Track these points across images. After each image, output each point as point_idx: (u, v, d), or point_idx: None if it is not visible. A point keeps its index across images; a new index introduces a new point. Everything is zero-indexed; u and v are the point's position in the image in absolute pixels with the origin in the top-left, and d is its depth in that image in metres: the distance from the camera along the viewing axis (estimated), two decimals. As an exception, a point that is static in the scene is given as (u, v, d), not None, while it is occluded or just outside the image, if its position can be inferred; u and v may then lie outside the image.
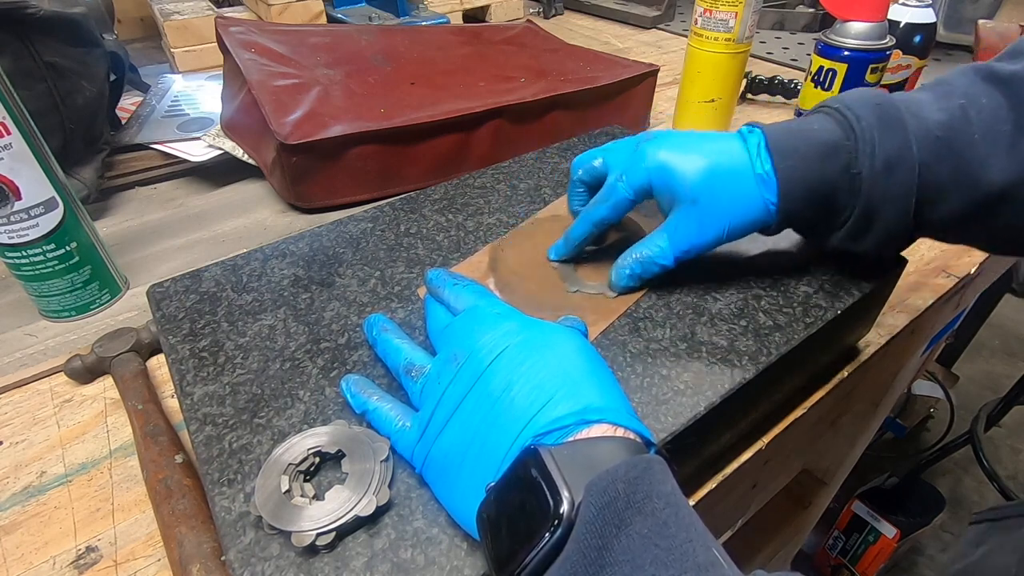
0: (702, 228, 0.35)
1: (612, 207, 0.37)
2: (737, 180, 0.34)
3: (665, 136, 0.36)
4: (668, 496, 0.21)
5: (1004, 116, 0.32)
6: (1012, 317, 1.96)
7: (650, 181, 0.36)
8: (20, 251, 0.45)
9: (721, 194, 0.34)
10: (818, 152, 0.33)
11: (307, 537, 0.25)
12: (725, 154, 0.35)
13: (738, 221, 0.35)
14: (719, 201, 0.35)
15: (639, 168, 0.36)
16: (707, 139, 0.36)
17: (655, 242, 0.37)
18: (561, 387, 0.25)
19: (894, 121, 0.33)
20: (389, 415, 0.29)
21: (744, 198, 0.34)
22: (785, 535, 0.87)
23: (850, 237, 0.35)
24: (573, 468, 0.22)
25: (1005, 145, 0.31)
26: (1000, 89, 0.32)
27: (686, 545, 0.20)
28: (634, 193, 0.36)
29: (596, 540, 0.20)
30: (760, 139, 0.35)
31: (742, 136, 0.36)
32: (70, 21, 0.55)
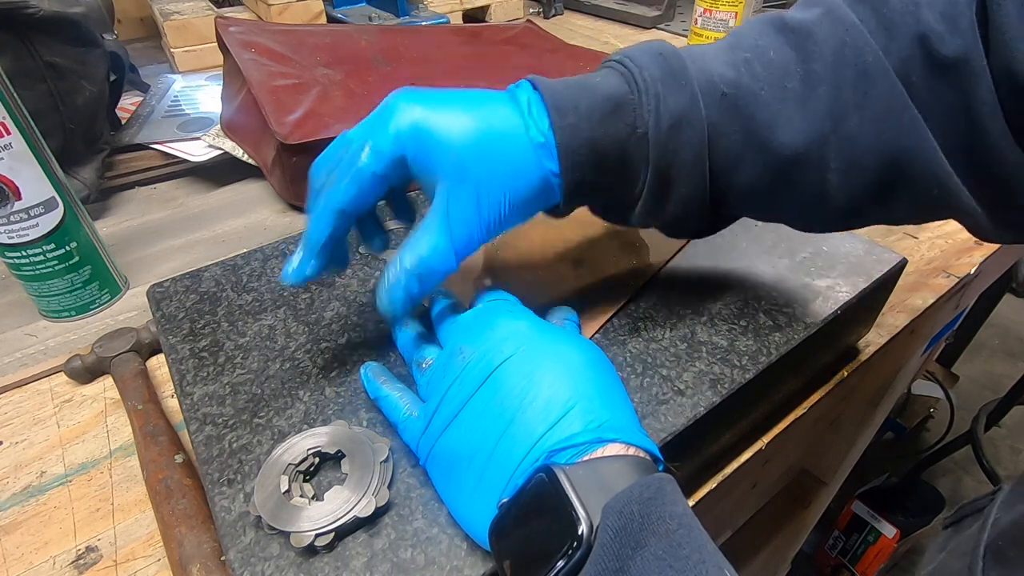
0: (479, 209, 0.28)
1: (356, 186, 0.28)
2: (511, 146, 0.28)
3: (417, 92, 0.29)
4: (680, 517, 0.21)
5: (792, 70, 0.28)
6: (1012, 317, 1.96)
7: (403, 150, 0.28)
8: (20, 251, 0.45)
9: (495, 161, 0.27)
10: (600, 108, 0.28)
11: (306, 538, 0.25)
12: (495, 113, 0.28)
13: (518, 194, 0.28)
14: (494, 170, 0.28)
15: (387, 132, 0.27)
16: (471, 97, 0.29)
17: (426, 240, 0.28)
18: (576, 402, 0.25)
19: (679, 74, 0.28)
20: (398, 403, 0.29)
21: (521, 165, 0.28)
22: (785, 535, 0.87)
23: (647, 211, 0.30)
24: (589, 489, 0.22)
25: (794, 103, 0.28)
26: (789, 40, 0.29)
27: (699, 566, 0.20)
28: (383, 166, 0.28)
29: (614, 563, 0.20)
30: (531, 95, 0.29)
31: (511, 93, 0.29)
32: (70, 21, 0.55)
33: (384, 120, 0.28)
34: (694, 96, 0.28)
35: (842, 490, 0.98)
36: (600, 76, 0.30)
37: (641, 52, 0.29)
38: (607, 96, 0.28)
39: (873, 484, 1.35)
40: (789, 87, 0.28)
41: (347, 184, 0.28)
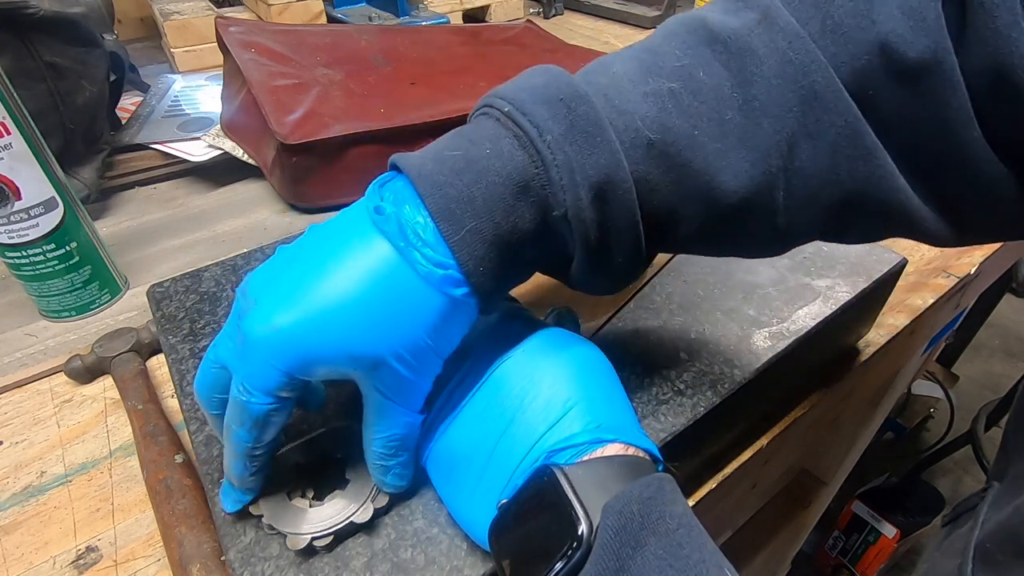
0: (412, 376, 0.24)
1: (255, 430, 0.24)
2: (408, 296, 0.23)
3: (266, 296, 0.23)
4: (680, 516, 0.21)
5: (728, 97, 0.24)
6: (1012, 317, 1.96)
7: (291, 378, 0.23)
8: (20, 251, 0.45)
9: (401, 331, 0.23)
10: (501, 197, 0.23)
11: (302, 540, 0.25)
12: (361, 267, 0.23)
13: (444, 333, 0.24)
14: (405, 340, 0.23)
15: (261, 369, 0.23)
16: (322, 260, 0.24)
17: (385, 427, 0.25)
18: (576, 402, 0.24)
19: (592, 127, 0.23)
20: None
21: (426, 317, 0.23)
22: (785, 535, 0.87)
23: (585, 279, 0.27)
24: (589, 489, 0.22)
25: (735, 140, 0.24)
26: (720, 57, 0.24)
27: (699, 565, 0.20)
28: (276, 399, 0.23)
29: (614, 563, 0.20)
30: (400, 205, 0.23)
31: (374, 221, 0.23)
32: (70, 21, 0.55)
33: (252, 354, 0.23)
34: (614, 154, 0.23)
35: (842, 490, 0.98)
36: (488, 144, 0.24)
37: (533, 100, 0.24)
38: (506, 178, 0.23)
39: (873, 484, 1.35)
40: (727, 119, 0.24)
41: (244, 430, 0.24)
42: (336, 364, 0.23)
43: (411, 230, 0.23)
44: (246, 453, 0.25)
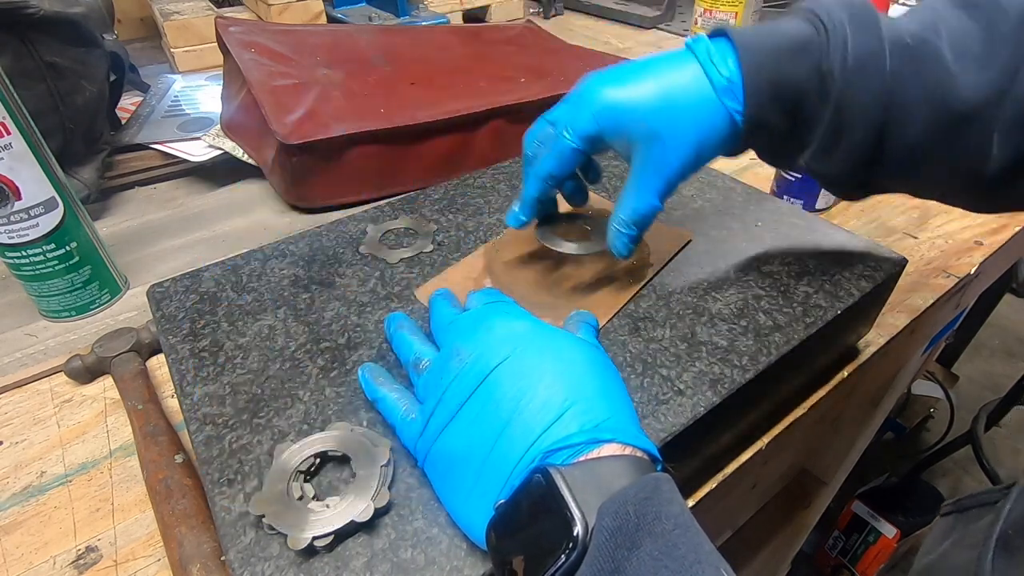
0: (671, 160, 0.32)
1: (557, 159, 0.34)
2: (694, 98, 0.32)
3: (605, 73, 0.33)
4: (677, 517, 0.21)
5: (974, 35, 0.30)
6: (1012, 317, 1.96)
7: (599, 127, 0.33)
8: (20, 251, 0.45)
9: (682, 117, 0.32)
10: (787, 47, 0.31)
11: (303, 540, 0.25)
12: (676, 72, 0.32)
13: (706, 139, 0.32)
14: (682, 126, 0.32)
15: (584, 116, 0.33)
16: (651, 63, 0.33)
17: (633, 197, 0.34)
18: (573, 403, 0.25)
19: (867, 19, 0.31)
20: (396, 404, 0.29)
21: (708, 113, 0.32)
22: (785, 535, 0.87)
23: (818, 153, 0.33)
24: (585, 490, 0.22)
25: (974, 61, 0.30)
26: (971, 13, 0.31)
27: (695, 566, 0.20)
28: (580, 141, 0.33)
29: (609, 563, 0.20)
30: (710, 44, 0.32)
31: (689, 48, 0.33)
32: (70, 21, 0.55)
33: (579, 104, 0.33)
34: (880, 40, 0.30)
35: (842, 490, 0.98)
36: (787, 21, 0.32)
37: (831, 2, 0.31)
38: (793, 37, 0.31)
39: (873, 484, 1.35)
40: (971, 48, 0.30)
41: (552, 156, 0.34)
42: (630, 127, 0.32)
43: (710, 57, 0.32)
44: (543, 176, 0.35)
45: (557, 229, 0.39)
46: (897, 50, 0.30)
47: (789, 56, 0.31)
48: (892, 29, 0.31)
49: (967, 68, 0.30)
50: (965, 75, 0.30)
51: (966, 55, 0.30)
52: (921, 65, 0.30)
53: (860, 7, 0.31)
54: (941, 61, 0.30)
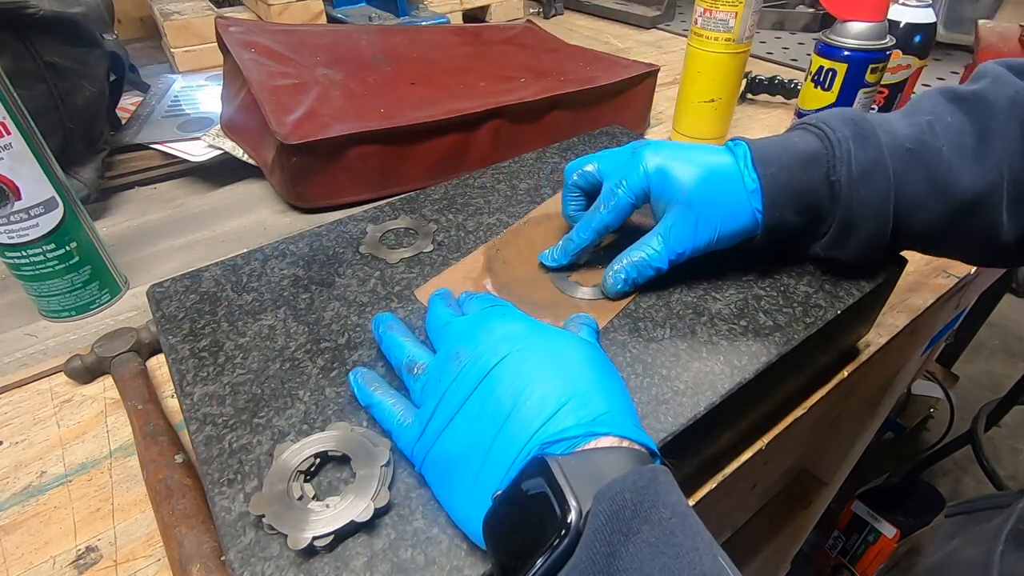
0: (696, 231, 0.36)
1: (614, 212, 0.38)
2: (728, 186, 0.36)
3: (660, 144, 0.38)
4: (674, 505, 0.21)
5: (968, 130, 0.34)
6: (1012, 317, 1.96)
7: (648, 185, 0.37)
8: (20, 251, 0.45)
9: (714, 199, 0.36)
10: (799, 161, 0.36)
11: (303, 540, 0.25)
12: (717, 163, 0.37)
13: (728, 226, 0.36)
14: (712, 206, 0.36)
15: (638, 173, 0.37)
16: (699, 149, 0.38)
17: (650, 245, 0.37)
18: (570, 397, 0.25)
19: (868, 134, 0.35)
20: (392, 410, 0.29)
21: (734, 204, 0.36)
22: (785, 535, 0.87)
23: (832, 244, 0.37)
24: (581, 478, 0.22)
25: (971, 156, 0.34)
26: (962, 107, 0.35)
27: (692, 553, 0.20)
28: (635, 197, 0.37)
29: (604, 548, 0.20)
30: (746, 151, 0.37)
31: (729, 149, 0.38)
32: (70, 21, 0.55)
33: (636, 164, 0.37)
34: (880, 150, 0.34)
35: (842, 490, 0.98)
36: (797, 136, 0.37)
37: (832, 117, 0.37)
38: (804, 151, 0.36)
39: (873, 484, 1.35)
40: (966, 143, 0.34)
41: (608, 211, 0.38)
42: (674, 192, 0.36)
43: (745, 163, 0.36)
44: (600, 228, 0.38)
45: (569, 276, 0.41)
46: (898, 155, 0.34)
47: (800, 168, 0.35)
48: (891, 136, 0.35)
49: (964, 162, 0.34)
50: (963, 168, 0.34)
51: (962, 149, 0.34)
52: (922, 165, 0.34)
53: (860, 122, 0.36)
54: (941, 159, 0.34)
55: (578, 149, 0.56)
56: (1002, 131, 0.33)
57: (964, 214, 0.34)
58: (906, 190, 0.35)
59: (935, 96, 0.37)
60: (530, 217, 0.46)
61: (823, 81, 0.66)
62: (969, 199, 0.34)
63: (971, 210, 0.34)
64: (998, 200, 0.34)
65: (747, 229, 0.37)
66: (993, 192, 0.34)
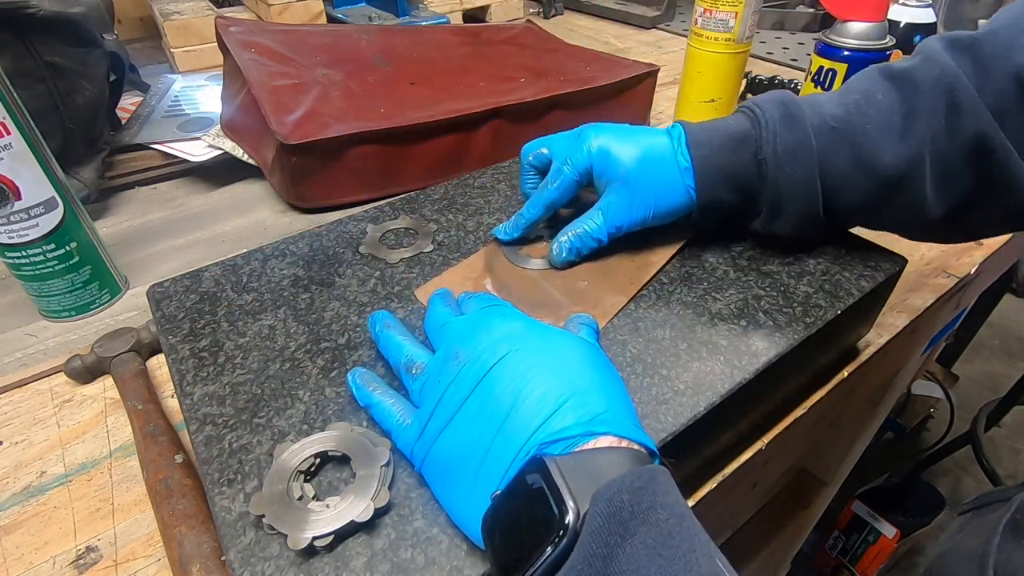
0: (632, 207, 0.39)
1: (560, 189, 0.40)
2: (663, 167, 0.38)
3: (604, 126, 0.40)
4: (672, 507, 0.21)
5: (896, 109, 0.35)
6: (1012, 317, 1.96)
7: (591, 164, 0.39)
8: (20, 251, 0.45)
9: (650, 178, 0.38)
10: (730, 142, 0.38)
11: (303, 540, 0.25)
12: (654, 144, 0.39)
13: (663, 203, 0.38)
14: (648, 184, 0.38)
15: (582, 152, 0.39)
16: (639, 132, 0.40)
17: (591, 219, 0.39)
18: (569, 397, 0.25)
19: (795, 115, 0.37)
20: (391, 410, 0.29)
21: (668, 182, 0.38)
22: (785, 535, 0.87)
23: (767, 220, 0.39)
24: (579, 478, 0.22)
25: (897, 134, 0.35)
26: (894, 84, 0.36)
27: (690, 555, 0.20)
28: (578, 175, 0.39)
29: (601, 549, 0.20)
30: (681, 133, 0.39)
31: (667, 132, 0.40)
32: (70, 21, 0.55)
33: (581, 144, 0.39)
34: (806, 131, 0.36)
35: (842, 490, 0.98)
36: (733, 118, 0.39)
37: (765, 100, 0.38)
38: (735, 132, 0.38)
39: (873, 484, 1.35)
40: (893, 121, 0.35)
41: (554, 187, 0.40)
42: (613, 170, 0.38)
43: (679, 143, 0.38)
44: (548, 203, 0.40)
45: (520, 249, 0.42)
46: (823, 135, 0.36)
47: (730, 149, 0.37)
48: (819, 116, 0.36)
49: (889, 140, 0.35)
50: (887, 146, 0.35)
51: (889, 127, 0.35)
52: (847, 143, 0.36)
53: (790, 103, 0.37)
54: (866, 137, 0.35)
55: (578, 149, 0.56)
56: (926, 110, 0.34)
57: (890, 190, 0.36)
58: (832, 168, 0.36)
59: (872, 72, 0.38)
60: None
61: (823, 81, 0.66)
62: (893, 175, 0.35)
63: (896, 186, 0.35)
64: (921, 177, 0.35)
65: (682, 206, 0.39)
66: (915, 169, 0.35)
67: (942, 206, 0.35)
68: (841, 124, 0.36)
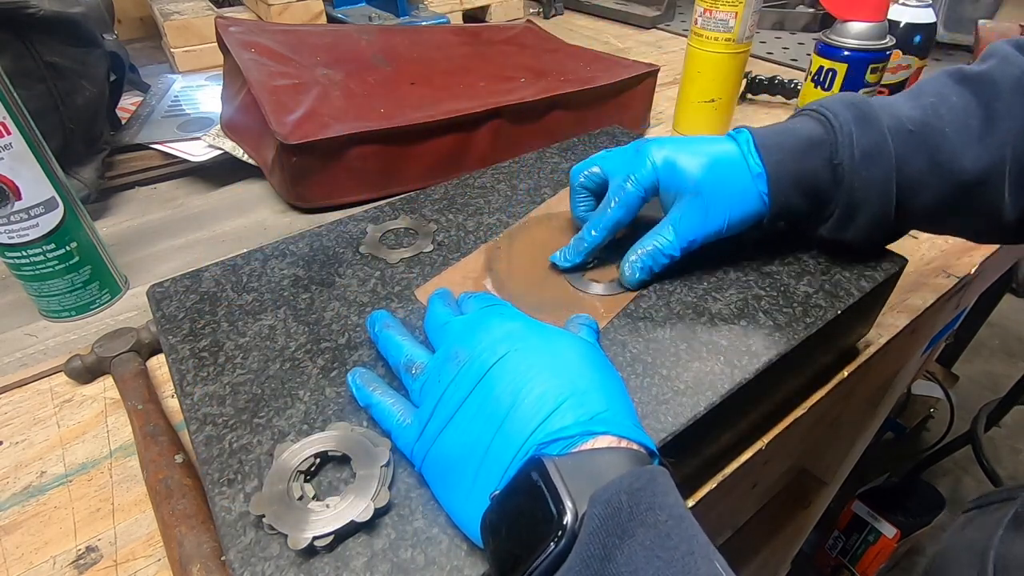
0: (706, 219, 0.37)
1: (624, 207, 0.38)
2: (734, 173, 0.37)
3: (663, 139, 0.39)
4: (671, 508, 0.21)
5: (973, 111, 0.34)
6: (1012, 317, 1.96)
7: (657, 178, 0.38)
8: (20, 251, 0.45)
9: (721, 186, 0.37)
10: (802, 147, 0.36)
11: (303, 540, 0.25)
12: (721, 152, 0.37)
13: (737, 212, 0.37)
14: (720, 193, 0.37)
15: (645, 167, 0.38)
16: (703, 140, 0.38)
17: (662, 235, 0.38)
18: (568, 396, 0.25)
19: (870, 117, 0.35)
20: (391, 410, 0.29)
21: (741, 190, 0.37)
22: (785, 535, 0.87)
23: (837, 227, 0.38)
24: (577, 479, 0.22)
25: (975, 137, 0.34)
26: (969, 88, 0.35)
27: (687, 557, 0.20)
28: (644, 191, 0.38)
29: (599, 550, 0.20)
30: (749, 138, 0.37)
31: (732, 137, 0.38)
32: (70, 21, 0.55)
33: (643, 158, 0.38)
34: (882, 132, 0.35)
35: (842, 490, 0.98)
36: (799, 122, 0.38)
37: (836, 103, 0.37)
38: (807, 136, 0.36)
39: (873, 484, 1.35)
40: (971, 124, 0.34)
41: (621, 207, 0.38)
42: (682, 182, 0.37)
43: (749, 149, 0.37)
44: (612, 225, 0.38)
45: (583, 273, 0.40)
46: (900, 138, 0.35)
47: (803, 153, 0.36)
48: (894, 119, 0.35)
49: (968, 143, 0.34)
50: (966, 149, 0.34)
51: (967, 130, 0.34)
52: (925, 146, 0.35)
53: (862, 105, 0.36)
54: (944, 140, 0.34)
55: (578, 149, 0.56)
56: (1007, 112, 0.33)
57: (966, 194, 0.35)
58: (908, 171, 0.35)
59: (942, 77, 0.37)
60: (530, 217, 0.46)
61: (823, 81, 0.66)
62: (971, 180, 0.34)
63: (973, 190, 0.35)
64: (1000, 181, 0.34)
65: (756, 213, 0.37)
66: (995, 173, 0.34)
67: (1017, 210, 0.35)
68: (918, 127, 0.35)
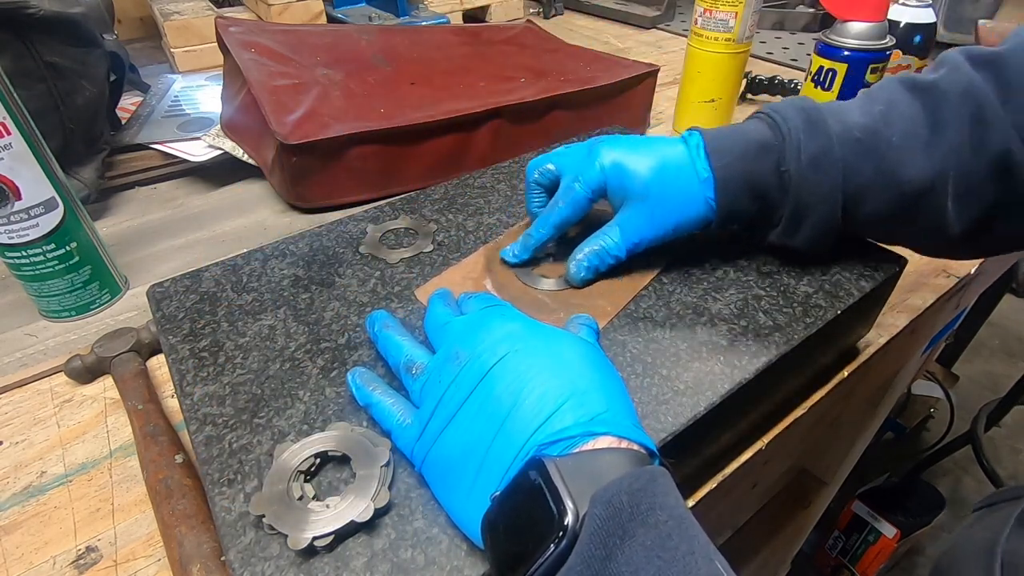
0: (652, 222, 0.37)
1: (571, 207, 0.38)
2: (681, 178, 0.36)
3: (615, 139, 0.38)
4: (671, 508, 0.21)
5: (921, 121, 0.34)
6: (1012, 317, 1.96)
7: (605, 180, 0.37)
8: (20, 251, 0.45)
9: (668, 190, 0.37)
10: (751, 151, 0.36)
11: (303, 540, 0.25)
12: (670, 155, 0.37)
13: (683, 216, 0.37)
14: (666, 197, 0.37)
15: (594, 168, 0.37)
16: (654, 142, 0.38)
17: (608, 235, 0.38)
18: (568, 397, 0.25)
19: (818, 123, 0.35)
20: (391, 410, 0.29)
21: (688, 195, 0.36)
22: (785, 535, 0.87)
23: (785, 233, 0.38)
24: (578, 479, 0.22)
25: (921, 146, 0.34)
26: (919, 97, 0.35)
27: (688, 557, 0.20)
28: (591, 192, 0.38)
29: (600, 551, 0.20)
30: (699, 142, 0.37)
31: (683, 140, 0.38)
32: (70, 21, 0.55)
33: (593, 160, 0.38)
34: (830, 139, 0.35)
35: (842, 490, 0.98)
36: (751, 125, 0.38)
37: (787, 108, 0.37)
38: (756, 141, 0.36)
39: (873, 484, 1.35)
40: (918, 132, 0.34)
41: (568, 206, 0.38)
42: (630, 184, 0.37)
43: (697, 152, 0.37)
44: (558, 223, 0.38)
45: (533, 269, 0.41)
46: (848, 145, 0.35)
47: (751, 158, 0.36)
48: (843, 126, 0.35)
49: (914, 152, 0.34)
50: (912, 158, 0.34)
51: (913, 139, 0.34)
52: (871, 154, 0.35)
53: (812, 111, 0.36)
54: (890, 149, 0.34)
55: (578, 149, 0.56)
56: (952, 123, 0.33)
57: (912, 204, 0.35)
58: (855, 179, 0.35)
59: (894, 84, 0.37)
60: (530, 217, 0.46)
61: (823, 81, 0.66)
62: (916, 189, 0.34)
63: (918, 200, 0.35)
64: (944, 191, 0.34)
65: (702, 218, 0.37)
66: (940, 183, 0.34)
67: (962, 222, 0.35)
68: (866, 134, 0.35)
